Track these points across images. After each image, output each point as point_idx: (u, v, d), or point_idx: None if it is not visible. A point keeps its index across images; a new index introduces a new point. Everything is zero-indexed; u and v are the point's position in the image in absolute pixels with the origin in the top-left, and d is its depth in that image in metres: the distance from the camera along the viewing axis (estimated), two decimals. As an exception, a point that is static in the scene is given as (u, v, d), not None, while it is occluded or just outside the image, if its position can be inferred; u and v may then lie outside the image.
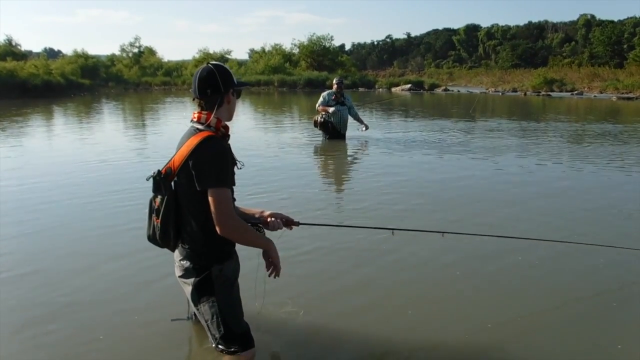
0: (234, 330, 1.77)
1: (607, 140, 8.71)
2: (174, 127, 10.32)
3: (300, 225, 2.03)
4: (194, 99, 1.77)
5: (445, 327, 2.28)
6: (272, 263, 1.85)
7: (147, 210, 1.81)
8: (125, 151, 7.23)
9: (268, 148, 7.48)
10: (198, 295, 1.76)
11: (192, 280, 1.77)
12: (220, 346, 1.78)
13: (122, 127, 11.46)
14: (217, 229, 1.67)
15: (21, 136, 9.26)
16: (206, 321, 1.77)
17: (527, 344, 2.16)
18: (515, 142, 8.31)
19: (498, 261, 3.03)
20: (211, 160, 1.65)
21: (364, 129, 7.92)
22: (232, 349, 1.77)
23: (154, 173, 1.73)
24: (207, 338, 1.87)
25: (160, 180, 1.72)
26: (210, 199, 1.65)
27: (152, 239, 1.81)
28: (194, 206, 1.71)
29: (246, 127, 10.39)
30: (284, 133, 9.53)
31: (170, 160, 1.73)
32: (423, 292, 2.65)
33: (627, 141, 8.72)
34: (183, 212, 1.75)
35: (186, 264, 1.77)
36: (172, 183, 1.74)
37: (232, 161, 1.75)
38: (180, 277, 1.82)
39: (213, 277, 1.76)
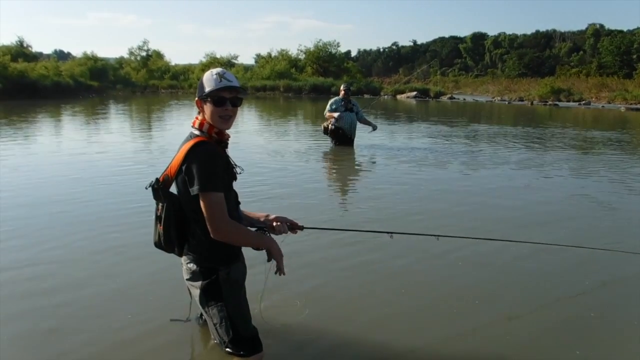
0: (242, 334, 1.78)
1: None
2: (180, 129, 10.38)
3: (305, 229, 2.04)
4: None
5: (441, 330, 2.27)
6: (275, 261, 1.85)
7: (153, 217, 1.83)
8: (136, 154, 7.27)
9: (276, 153, 7.47)
10: (206, 298, 1.77)
11: (199, 283, 1.77)
12: (228, 349, 1.78)
13: (132, 128, 11.54)
14: (210, 233, 1.67)
15: (32, 135, 9.33)
16: (215, 325, 1.77)
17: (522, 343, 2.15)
18: (520, 153, 8.25)
19: (493, 264, 3.05)
20: (200, 164, 1.65)
21: (371, 130, 7.99)
22: (241, 353, 1.78)
23: (152, 182, 1.75)
24: (210, 339, 1.87)
25: (159, 188, 1.73)
26: (201, 203, 1.65)
27: (158, 245, 1.83)
28: (194, 210, 1.71)
29: (252, 132, 10.42)
30: (291, 138, 9.54)
31: (167, 167, 1.74)
32: (422, 294, 2.68)
33: None
34: (186, 217, 1.75)
35: (193, 267, 1.78)
36: (173, 188, 1.76)
37: (225, 165, 1.75)
38: (187, 280, 1.83)
39: (220, 280, 1.76)
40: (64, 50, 60.34)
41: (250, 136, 9.47)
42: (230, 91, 1.72)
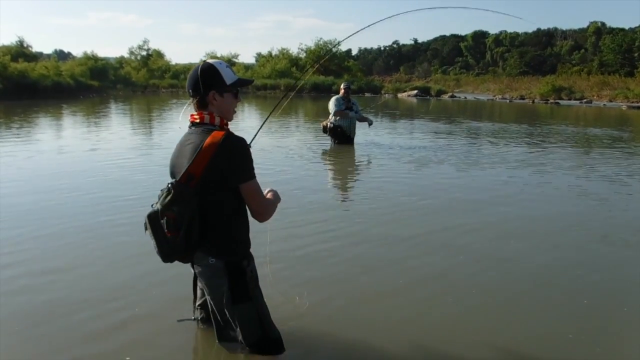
0: (270, 334, 1.79)
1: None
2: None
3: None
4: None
5: (447, 338, 2.25)
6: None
7: (147, 232, 1.68)
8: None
9: (275, 151, 7.45)
10: (233, 297, 1.72)
11: (224, 280, 1.71)
12: (253, 349, 1.78)
13: (132, 127, 11.55)
14: (259, 218, 1.73)
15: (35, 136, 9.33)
16: (241, 323, 1.75)
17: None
18: (520, 151, 8.22)
19: (490, 255, 3.06)
20: (243, 155, 1.65)
21: (369, 125, 8.01)
22: (267, 352, 1.78)
23: (170, 184, 1.64)
24: (214, 339, 1.86)
25: (184, 189, 1.62)
26: (247, 192, 1.67)
27: (167, 255, 1.69)
28: (222, 205, 1.68)
29: (252, 129, 10.38)
30: (291, 137, 9.52)
31: (189, 166, 1.63)
32: (421, 285, 2.69)
33: None
34: (207, 215, 1.67)
35: (218, 263, 1.70)
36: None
37: None
38: (208, 278, 1.74)
39: (247, 279, 1.74)
40: (64, 50, 60.35)
41: (250, 134, 9.43)
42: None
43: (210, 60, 1.72)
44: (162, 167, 5.51)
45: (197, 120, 1.70)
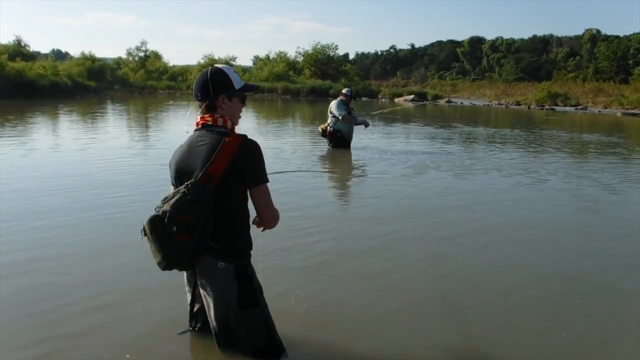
0: (276, 339, 1.83)
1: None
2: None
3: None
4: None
5: (443, 337, 2.27)
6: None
7: (145, 237, 1.64)
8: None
9: (272, 154, 7.46)
10: (240, 303, 1.72)
11: (235, 284, 1.71)
12: (258, 355, 1.79)
13: (129, 128, 11.53)
14: (267, 224, 1.76)
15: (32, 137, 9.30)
16: (249, 329, 1.76)
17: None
18: (515, 156, 8.29)
19: (487, 258, 3.09)
20: (258, 158, 1.69)
21: (364, 127, 8.00)
22: (271, 357, 1.81)
23: (189, 185, 1.61)
24: (213, 345, 1.84)
25: (203, 189, 1.62)
26: (260, 194, 1.70)
27: (172, 261, 1.64)
28: (231, 207, 1.69)
29: (249, 133, 10.39)
30: (288, 140, 9.54)
31: (208, 167, 1.63)
32: (416, 285, 2.70)
33: None
34: (218, 217, 1.68)
35: (228, 267, 1.70)
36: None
37: None
38: (216, 283, 1.72)
39: (254, 285, 1.77)
40: (62, 50, 60.14)
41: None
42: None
43: (218, 65, 1.77)
44: (155, 167, 5.54)
45: (209, 123, 1.72)
